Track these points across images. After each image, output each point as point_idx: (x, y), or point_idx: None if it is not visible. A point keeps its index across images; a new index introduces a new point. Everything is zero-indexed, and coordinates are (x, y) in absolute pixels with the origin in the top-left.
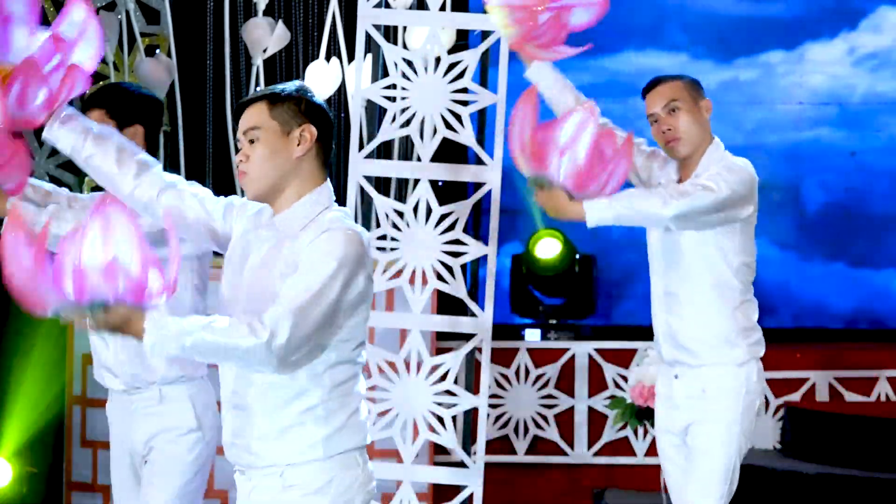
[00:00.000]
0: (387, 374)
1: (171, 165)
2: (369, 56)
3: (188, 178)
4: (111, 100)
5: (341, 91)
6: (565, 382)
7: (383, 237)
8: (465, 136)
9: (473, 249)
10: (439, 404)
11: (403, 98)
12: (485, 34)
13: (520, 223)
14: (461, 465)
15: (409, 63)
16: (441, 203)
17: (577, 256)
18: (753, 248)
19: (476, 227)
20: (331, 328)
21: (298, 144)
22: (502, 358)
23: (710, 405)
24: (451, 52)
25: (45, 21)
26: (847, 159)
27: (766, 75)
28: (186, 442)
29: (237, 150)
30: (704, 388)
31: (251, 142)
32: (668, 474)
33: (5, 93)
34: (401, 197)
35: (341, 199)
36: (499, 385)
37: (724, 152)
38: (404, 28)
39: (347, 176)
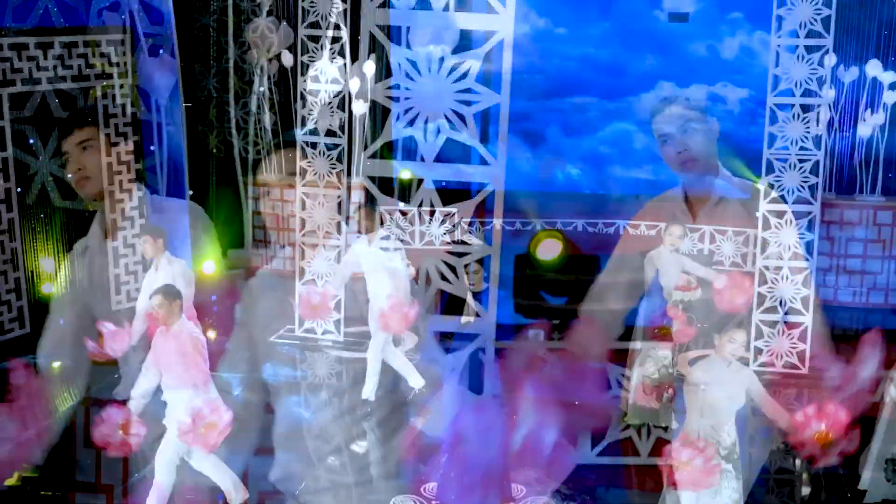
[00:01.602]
0: None
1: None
2: (373, 56)
3: (191, 177)
4: None
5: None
6: None
7: (387, 237)
8: (469, 136)
9: (477, 250)
10: None
11: (407, 98)
12: (488, 34)
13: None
14: None
15: (413, 63)
16: (444, 203)
17: (579, 257)
18: None
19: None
20: None
21: None
22: None
23: None
24: (454, 52)
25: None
26: None
27: None
28: None
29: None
30: None
31: None
32: None
33: None
34: (404, 197)
35: (346, 200)
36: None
37: None
38: (408, 28)
39: (352, 176)
